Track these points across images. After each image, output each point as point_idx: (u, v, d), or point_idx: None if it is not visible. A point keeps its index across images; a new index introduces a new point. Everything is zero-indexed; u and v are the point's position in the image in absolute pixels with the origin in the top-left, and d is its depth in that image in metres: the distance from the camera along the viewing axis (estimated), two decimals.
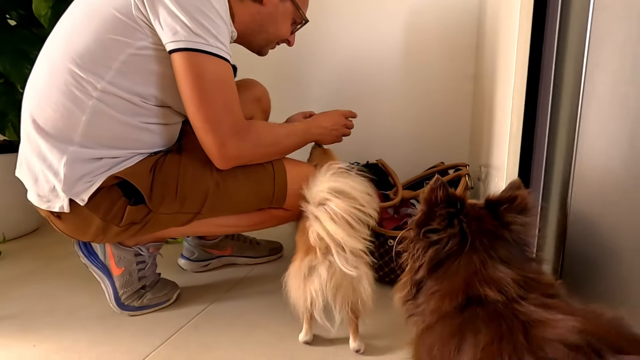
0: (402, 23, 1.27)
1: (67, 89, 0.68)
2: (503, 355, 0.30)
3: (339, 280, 0.65)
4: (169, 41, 0.65)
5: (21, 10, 1.15)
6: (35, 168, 0.71)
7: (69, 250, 1.20)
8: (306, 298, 0.67)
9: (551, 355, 0.28)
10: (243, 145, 0.74)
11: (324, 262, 0.66)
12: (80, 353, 0.73)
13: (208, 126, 0.70)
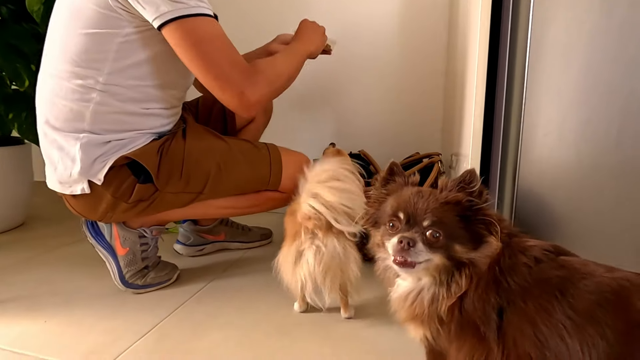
0: (378, 22, 1.38)
1: (73, 88, 0.74)
2: (512, 256, 0.39)
3: (327, 264, 0.69)
4: (154, 18, 0.68)
5: (11, 5, 1.16)
6: (54, 158, 0.77)
7: (59, 241, 1.23)
8: (297, 282, 0.71)
9: (531, 253, 0.38)
10: (258, 87, 0.76)
11: (310, 247, 0.69)
12: (92, 326, 0.77)
13: (221, 83, 0.73)
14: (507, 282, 0.36)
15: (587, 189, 0.59)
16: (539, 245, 0.38)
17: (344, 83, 1.45)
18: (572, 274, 0.33)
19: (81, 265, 1.05)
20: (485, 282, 0.38)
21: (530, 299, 0.35)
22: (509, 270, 0.37)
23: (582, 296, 0.32)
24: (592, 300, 0.31)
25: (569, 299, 0.32)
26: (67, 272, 1.02)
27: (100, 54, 0.73)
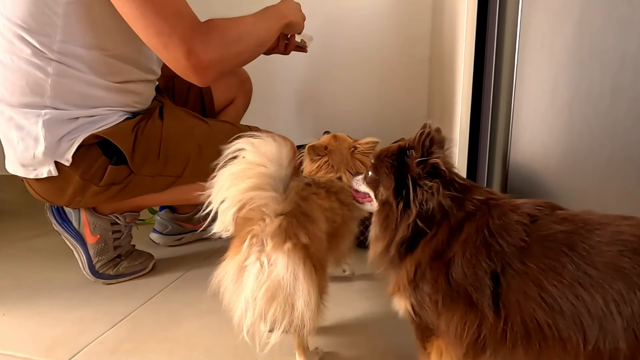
0: (361, 9, 1.37)
1: (25, 58, 0.67)
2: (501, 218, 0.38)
3: (274, 288, 0.49)
4: None
5: None
6: (13, 139, 0.70)
7: (24, 235, 1.15)
8: (238, 308, 0.51)
9: (524, 210, 0.36)
10: (210, 46, 0.65)
11: (255, 261, 0.50)
12: (57, 318, 0.72)
13: (164, 39, 0.62)
14: (499, 244, 0.34)
15: (581, 152, 0.58)
16: (530, 202, 0.35)
17: (330, 71, 1.43)
18: (580, 226, 0.31)
19: (48, 259, 0.98)
20: (474, 246, 0.35)
21: (531, 260, 0.32)
22: (500, 232, 0.34)
23: (600, 249, 0.29)
24: (614, 252, 0.29)
25: (582, 253, 0.30)
26: (32, 265, 0.95)
27: (47, 18, 0.65)
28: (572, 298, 0.29)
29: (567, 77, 0.57)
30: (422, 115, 1.38)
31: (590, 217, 0.32)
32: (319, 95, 1.45)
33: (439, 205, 0.41)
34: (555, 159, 0.60)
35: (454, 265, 0.36)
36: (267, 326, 0.52)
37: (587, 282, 0.28)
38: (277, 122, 1.46)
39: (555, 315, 0.29)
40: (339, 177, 0.71)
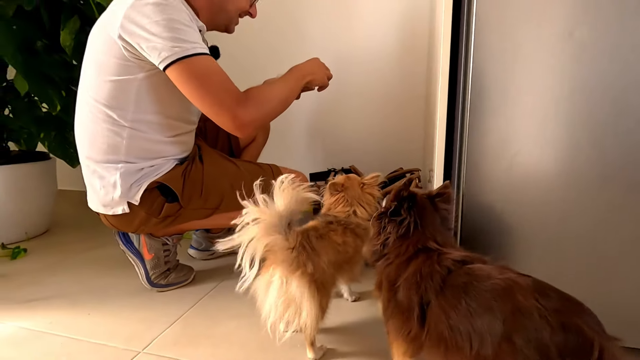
0: (366, 52, 1.56)
1: (107, 127, 0.91)
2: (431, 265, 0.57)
3: (287, 301, 0.70)
4: (158, 62, 0.81)
5: (45, 39, 1.33)
6: (96, 186, 0.94)
7: (81, 246, 1.41)
8: (266, 309, 0.72)
9: (446, 265, 0.56)
10: (249, 110, 0.86)
11: (278, 280, 0.71)
12: (128, 317, 0.95)
13: (216, 109, 0.85)
14: (424, 286, 0.54)
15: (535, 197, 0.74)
16: (451, 257, 0.55)
17: (337, 106, 1.63)
18: (473, 279, 0.51)
19: (107, 268, 1.22)
20: (409, 283, 0.56)
21: (443, 298, 0.52)
22: (426, 277, 0.54)
23: (481, 293, 0.49)
24: (489, 296, 0.49)
25: (471, 296, 0.50)
26: (95, 274, 1.19)
27: (125, 98, 0.89)
28: (464, 322, 0.48)
29: (522, 127, 0.74)
30: (419, 146, 1.57)
31: (482, 272, 0.51)
32: (327, 128, 1.65)
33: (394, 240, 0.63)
34: (506, 199, 0.78)
35: (399, 292, 0.57)
36: (284, 326, 0.74)
37: (473, 313, 0.48)
38: (291, 152, 1.68)
39: (454, 332, 0.49)
40: (353, 211, 0.89)
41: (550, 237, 0.76)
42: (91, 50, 0.92)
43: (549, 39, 0.69)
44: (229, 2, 0.98)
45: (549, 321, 0.43)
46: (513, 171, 0.77)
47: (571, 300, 0.46)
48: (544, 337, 0.43)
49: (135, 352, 0.81)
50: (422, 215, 0.66)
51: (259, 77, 1.10)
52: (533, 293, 0.46)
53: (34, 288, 1.10)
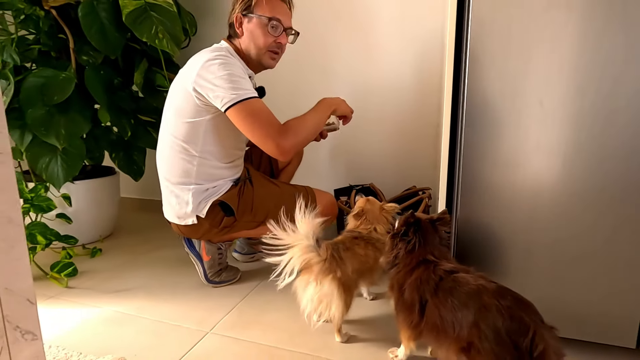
0: (384, 83, 1.79)
1: (181, 156, 1.18)
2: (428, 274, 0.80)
3: (320, 298, 0.94)
4: (221, 106, 1.06)
5: (120, 77, 1.62)
6: (173, 202, 1.21)
7: (144, 248, 1.69)
8: (303, 302, 0.95)
9: (439, 274, 0.79)
10: (289, 138, 1.08)
11: (314, 281, 0.94)
12: (194, 305, 1.21)
13: (264, 139, 1.08)
14: (423, 289, 0.77)
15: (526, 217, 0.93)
16: (443, 268, 0.77)
17: (358, 131, 1.85)
18: (457, 284, 0.73)
19: (170, 266, 1.50)
20: (413, 286, 0.79)
21: (436, 298, 0.74)
22: (424, 282, 0.77)
23: (461, 294, 0.72)
24: (465, 295, 0.71)
25: (455, 296, 0.72)
26: (163, 271, 1.46)
27: (196, 134, 1.16)
28: (449, 314, 0.71)
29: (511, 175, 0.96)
30: (430, 167, 1.79)
31: (463, 279, 0.73)
32: (349, 150, 1.88)
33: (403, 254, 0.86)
34: (499, 218, 0.99)
35: (405, 293, 0.79)
36: (317, 316, 0.99)
37: (455, 308, 0.71)
38: (316, 169, 1.92)
39: (443, 321, 0.71)
40: (374, 228, 1.10)
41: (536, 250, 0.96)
42: (172, 98, 1.19)
43: (540, 74, 0.86)
44: (254, 41, 1.19)
45: (502, 314, 0.66)
46: (504, 192, 0.96)
47: (521, 300, 0.69)
48: (498, 324, 0.65)
49: (205, 332, 1.08)
50: (425, 235, 0.89)
51: (292, 109, 1.29)
52: (495, 295, 0.69)
53: (118, 281, 1.38)
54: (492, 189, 0.97)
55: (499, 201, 0.97)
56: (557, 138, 0.88)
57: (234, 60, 1.13)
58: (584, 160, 0.87)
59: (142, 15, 1.43)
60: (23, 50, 1.49)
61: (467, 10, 0.90)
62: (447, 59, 0.99)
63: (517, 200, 0.95)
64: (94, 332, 1.08)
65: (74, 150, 1.48)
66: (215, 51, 1.13)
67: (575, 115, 0.85)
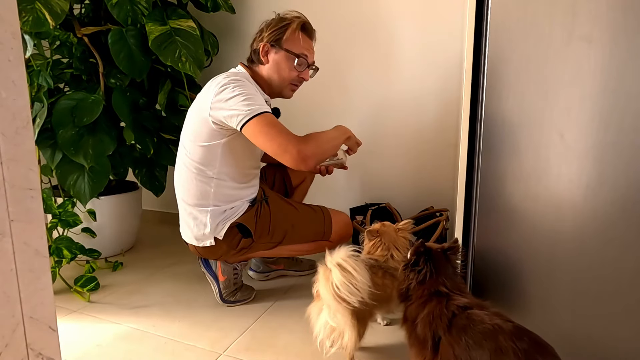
0: (402, 101, 1.79)
1: (198, 178, 1.21)
2: (441, 309, 0.79)
3: (333, 326, 0.92)
4: (236, 124, 1.06)
5: (145, 98, 1.69)
6: (191, 224, 1.24)
7: (163, 262, 1.73)
8: (316, 329, 0.95)
9: (452, 309, 0.77)
10: (310, 145, 1.06)
11: (327, 309, 0.92)
12: (208, 325, 1.23)
13: (282, 148, 1.04)
14: (436, 325, 0.75)
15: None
16: (456, 304, 0.76)
17: (376, 148, 1.85)
18: (471, 322, 0.71)
19: (187, 283, 1.52)
20: (425, 322, 0.77)
21: (450, 335, 0.72)
22: (437, 319, 0.75)
23: (476, 333, 0.70)
24: (480, 335, 0.69)
25: (469, 335, 0.70)
26: (180, 287, 1.49)
27: (212, 157, 1.19)
28: (464, 354, 0.69)
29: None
30: (449, 188, 1.76)
31: (478, 317, 0.72)
32: (366, 168, 1.88)
33: (415, 285, 0.85)
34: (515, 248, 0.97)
35: (417, 327, 0.78)
36: (330, 343, 0.97)
37: (470, 348, 0.69)
38: (332, 187, 1.93)
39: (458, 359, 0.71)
40: (391, 255, 1.07)
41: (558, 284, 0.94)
42: (188, 122, 1.23)
43: (561, 107, 0.84)
44: (278, 73, 1.22)
45: (519, 357, 0.64)
46: (524, 222, 0.94)
47: (539, 343, 0.66)
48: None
49: (218, 354, 1.09)
50: (437, 265, 0.87)
51: (310, 128, 1.28)
52: (511, 336, 0.67)
53: (136, 297, 1.42)
54: (511, 218, 0.95)
55: (518, 230, 0.95)
56: (578, 170, 0.85)
57: (245, 81, 1.15)
58: (607, 193, 0.84)
59: (167, 41, 1.49)
60: (56, 74, 1.58)
61: (485, 40, 0.90)
62: (464, 85, 0.99)
63: (538, 231, 0.92)
64: (112, 349, 1.11)
65: (100, 169, 1.54)
66: (230, 76, 1.16)
67: (597, 148, 0.83)
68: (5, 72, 0.52)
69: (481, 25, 0.92)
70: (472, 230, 1.00)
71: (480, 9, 0.93)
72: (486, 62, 0.90)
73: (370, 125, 1.84)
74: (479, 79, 0.95)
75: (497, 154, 0.93)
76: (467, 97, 0.97)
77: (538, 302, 0.96)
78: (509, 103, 0.89)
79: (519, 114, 0.89)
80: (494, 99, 0.91)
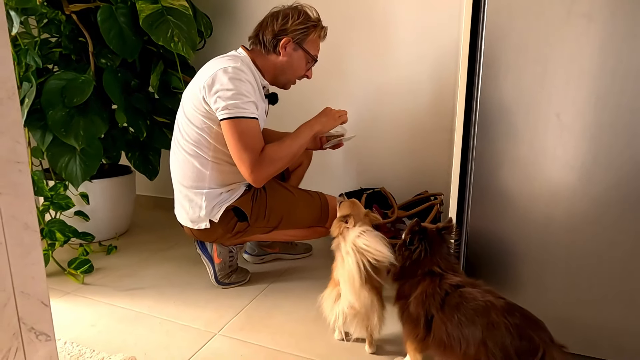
0: (398, 86, 1.77)
1: (194, 161, 1.19)
2: (434, 288, 0.79)
3: (357, 309, 0.90)
4: (219, 115, 1.08)
5: (137, 79, 1.66)
6: (186, 206, 1.23)
7: (157, 246, 1.72)
8: (333, 316, 0.94)
9: (445, 288, 0.78)
10: (263, 168, 1.11)
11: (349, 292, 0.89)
12: (204, 306, 1.23)
13: (240, 162, 1.11)
14: (429, 303, 0.76)
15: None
16: (449, 282, 0.76)
17: (372, 133, 1.84)
18: (463, 300, 0.72)
19: (182, 266, 1.52)
20: (418, 300, 0.78)
21: (442, 313, 0.73)
22: (430, 297, 0.76)
23: (468, 310, 0.71)
24: (472, 312, 0.70)
25: (461, 311, 0.71)
26: (174, 270, 1.49)
27: (207, 141, 1.17)
28: (456, 331, 0.70)
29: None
30: (444, 172, 1.76)
31: (470, 295, 0.72)
32: (362, 152, 1.87)
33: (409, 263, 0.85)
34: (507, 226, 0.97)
35: (411, 305, 0.79)
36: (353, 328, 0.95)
37: (462, 325, 0.70)
38: (328, 171, 1.92)
39: (450, 337, 0.71)
40: None
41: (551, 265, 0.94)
42: (185, 105, 1.21)
43: (558, 86, 0.83)
44: (289, 69, 1.24)
45: (511, 332, 0.65)
46: (518, 203, 0.93)
47: (530, 318, 0.67)
48: (506, 343, 0.64)
49: (213, 334, 1.09)
50: (431, 244, 0.88)
51: (307, 112, 1.35)
52: (503, 312, 0.68)
53: (131, 279, 1.42)
54: (505, 199, 0.95)
55: (512, 211, 0.95)
56: (575, 151, 0.85)
57: (246, 76, 1.12)
58: (602, 174, 0.84)
59: (158, 20, 1.45)
60: (45, 53, 1.54)
61: (482, 19, 0.88)
62: (460, 65, 0.97)
63: (532, 212, 0.93)
64: (107, 330, 1.11)
65: (92, 151, 1.52)
66: (231, 61, 1.13)
67: (594, 128, 0.83)
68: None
69: (479, 3, 0.91)
70: (465, 212, 1.01)
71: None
72: (483, 41, 0.89)
73: (366, 110, 1.83)
74: (476, 60, 0.94)
75: (492, 136, 0.92)
76: (463, 77, 0.96)
77: (529, 282, 0.97)
78: (506, 83, 0.88)
79: (515, 94, 0.88)
80: (491, 79, 0.90)
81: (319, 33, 1.25)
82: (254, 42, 1.26)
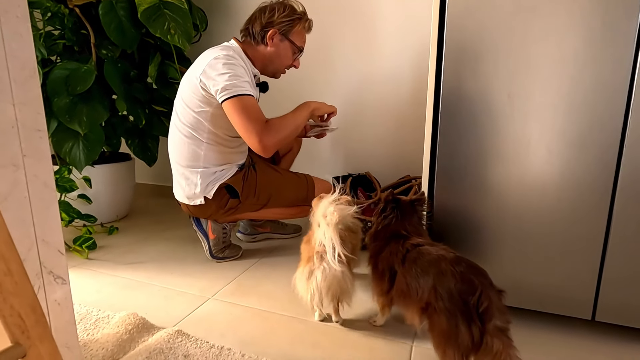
0: (382, 77, 1.88)
1: (190, 142, 1.30)
2: (397, 247, 0.91)
3: (330, 281, 0.93)
4: (218, 97, 1.17)
5: (136, 70, 1.76)
6: (183, 184, 1.34)
7: (157, 228, 1.84)
8: (307, 294, 0.96)
9: (407, 247, 0.90)
10: (271, 135, 1.18)
11: (319, 267, 0.93)
12: (199, 277, 1.35)
13: (248, 133, 1.17)
14: (392, 260, 0.87)
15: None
16: (411, 242, 0.88)
17: (358, 119, 1.95)
18: (420, 255, 0.83)
19: (179, 244, 1.64)
20: (384, 258, 0.90)
21: (403, 268, 0.85)
22: (394, 254, 0.87)
23: (423, 263, 0.82)
24: (426, 264, 0.81)
25: (418, 264, 0.83)
26: (173, 247, 1.61)
27: (202, 124, 1.28)
28: (413, 281, 0.81)
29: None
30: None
31: (426, 251, 0.84)
32: (348, 139, 1.99)
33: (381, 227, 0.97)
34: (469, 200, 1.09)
35: (378, 263, 0.91)
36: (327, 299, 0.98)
37: (418, 275, 0.81)
38: (317, 157, 2.03)
39: (409, 286, 0.82)
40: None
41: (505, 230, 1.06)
42: (182, 90, 1.32)
43: (508, 71, 0.95)
44: (277, 59, 1.35)
45: (456, 277, 0.76)
46: (476, 181, 1.06)
47: (473, 266, 0.79)
48: (451, 286, 0.76)
49: (207, 298, 1.21)
50: (403, 213, 1.00)
51: (293, 102, 1.43)
52: (451, 262, 0.79)
53: (132, 255, 1.53)
54: (465, 178, 1.06)
55: (471, 189, 1.07)
56: (522, 128, 0.97)
57: (238, 62, 1.24)
58: (545, 148, 0.96)
59: (156, 13, 1.56)
60: (49, 44, 1.64)
61: (445, 10, 0.99)
62: (430, 59, 1.08)
63: (488, 188, 1.04)
64: (111, 295, 1.23)
65: (94, 136, 1.62)
66: (223, 50, 1.24)
67: (538, 109, 0.94)
68: (14, 27, 0.61)
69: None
70: (434, 188, 1.12)
71: None
72: (445, 31, 1.00)
73: (353, 99, 1.94)
74: (442, 50, 1.05)
75: (456, 119, 1.03)
76: (432, 67, 1.07)
77: (487, 250, 1.07)
78: (466, 72, 1.00)
79: (473, 81, 0.99)
80: (453, 69, 1.01)
81: (304, 25, 1.35)
82: (244, 34, 1.36)
